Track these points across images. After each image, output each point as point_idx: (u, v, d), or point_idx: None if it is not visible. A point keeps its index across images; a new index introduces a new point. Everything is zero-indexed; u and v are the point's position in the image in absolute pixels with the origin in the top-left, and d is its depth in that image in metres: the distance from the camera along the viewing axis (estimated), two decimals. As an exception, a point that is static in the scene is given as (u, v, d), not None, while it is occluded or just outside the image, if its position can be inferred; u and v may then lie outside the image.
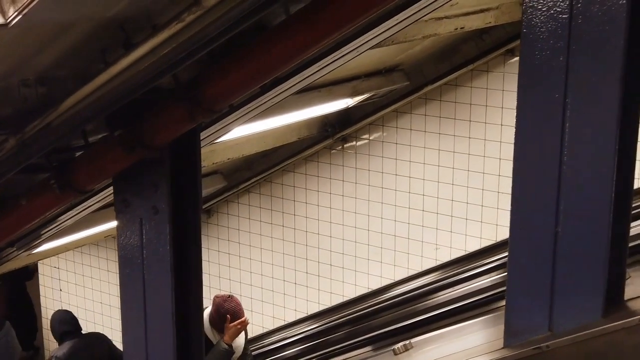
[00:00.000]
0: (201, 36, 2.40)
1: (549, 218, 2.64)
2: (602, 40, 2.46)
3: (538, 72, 2.59)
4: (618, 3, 2.41)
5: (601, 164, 2.54)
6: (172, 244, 3.50)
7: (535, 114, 2.62)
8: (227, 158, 6.26)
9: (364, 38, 4.01)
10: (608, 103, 2.49)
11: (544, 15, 2.52)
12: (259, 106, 4.30)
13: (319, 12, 2.60)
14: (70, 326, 6.31)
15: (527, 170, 2.68)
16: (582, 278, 2.64)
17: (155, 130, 3.08)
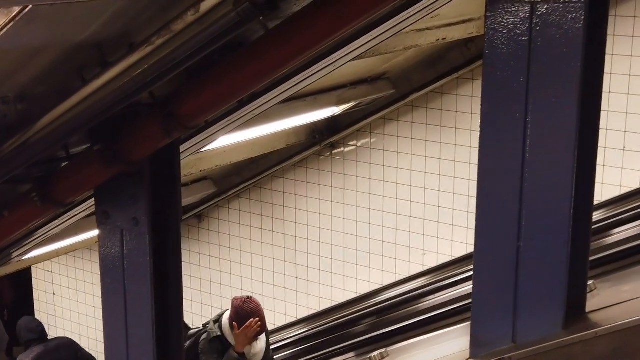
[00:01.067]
0: (170, 59, 2.48)
1: (512, 233, 2.72)
2: (560, 61, 2.53)
3: (500, 92, 2.66)
4: (575, 26, 2.48)
5: (560, 181, 2.61)
6: (152, 255, 3.57)
7: (498, 132, 2.69)
8: (215, 165, 6.34)
9: (345, 51, 4.08)
10: (567, 121, 2.57)
11: (505, 37, 2.60)
12: (244, 116, 4.38)
13: (288, 35, 2.67)
14: (35, 334, 6.39)
15: (490, 186, 2.75)
16: (544, 291, 2.72)
17: (133, 146, 3.16)
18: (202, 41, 2.44)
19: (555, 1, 2.50)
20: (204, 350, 5.21)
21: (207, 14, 2.33)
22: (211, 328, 5.23)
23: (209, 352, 5.19)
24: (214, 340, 5.14)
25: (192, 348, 5.34)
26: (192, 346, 5.36)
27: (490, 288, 2.82)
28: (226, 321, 5.18)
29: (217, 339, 5.14)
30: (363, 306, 6.81)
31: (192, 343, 5.36)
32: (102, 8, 2.32)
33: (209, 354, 5.19)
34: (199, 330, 5.45)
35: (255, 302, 5.21)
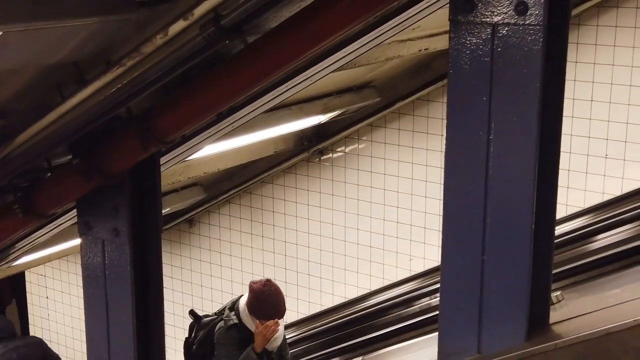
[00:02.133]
0: (140, 79, 2.56)
1: (476, 246, 2.80)
2: (520, 81, 2.61)
3: (464, 111, 2.74)
4: (534, 48, 2.56)
5: (522, 197, 2.69)
6: (133, 265, 3.65)
7: (462, 149, 2.77)
8: (203, 172, 6.42)
9: (323, 64, 4.16)
10: (528, 139, 2.65)
11: (468, 57, 2.68)
12: (226, 127, 4.46)
13: (259, 55, 2.75)
14: (4, 332, 6.46)
15: (455, 202, 2.83)
16: (507, 303, 2.80)
17: (111, 160, 3.24)
18: (171, 63, 2.52)
19: (515, 24, 2.58)
20: (220, 340, 4.98)
21: (175, 37, 2.41)
22: (227, 316, 5.03)
23: (227, 342, 4.96)
24: (231, 328, 4.94)
25: (207, 338, 5.15)
26: (206, 336, 5.17)
27: (456, 300, 2.90)
28: (244, 307, 4.97)
29: (234, 327, 4.94)
30: (350, 311, 6.89)
31: (206, 333, 5.18)
32: (73, 32, 2.39)
33: (227, 345, 4.96)
34: (212, 319, 5.25)
35: (275, 285, 5.03)
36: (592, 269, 3.79)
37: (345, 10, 2.63)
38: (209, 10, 2.33)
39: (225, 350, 4.92)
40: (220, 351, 4.95)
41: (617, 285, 3.39)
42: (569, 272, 3.77)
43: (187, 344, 5.35)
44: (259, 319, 4.86)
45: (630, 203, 5.88)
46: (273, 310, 4.90)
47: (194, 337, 5.29)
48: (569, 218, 6.25)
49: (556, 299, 3.25)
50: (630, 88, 5.85)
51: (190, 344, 5.32)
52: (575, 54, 6.01)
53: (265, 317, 4.87)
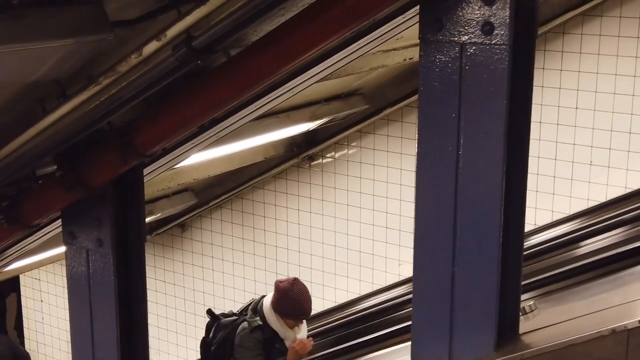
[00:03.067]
0: (116, 97, 2.63)
1: (447, 259, 2.87)
2: (487, 99, 2.68)
3: (434, 126, 2.82)
4: (500, 67, 2.63)
5: (490, 210, 2.76)
6: (116, 274, 3.72)
7: (433, 164, 2.84)
8: (192, 179, 6.49)
9: (307, 74, 4.24)
10: (495, 155, 2.72)
11: (437, 75, 2.75)
12: (213, 136, 4.53)
13: (233, 72, 2.82)
14: None
15: (426, 214, 2.90)
16: (477, 314, 2.87)
17: (93, 172, 3.31)
18: (146, 82, 2.59)
19: (481, 43, 2.65)
20: (243, 343, 4.87)
21: (149, 57, 2.48)
22: (250, 317, 4.91)
23: (250, 345, 4.85)
24: (255, 330, 4.83)
25: (228, 339, 5.02)
26: (227, 337, 5.04)
27: (428, 311, 2.97)
28: (268, 306, 4.87)
29: (259, 329, 4.85)
30: (340, 315, 6.95)
31: (226, 334, 5.05)
32: (51, 52, 2.46)
33: (250, 349, 4.84)
34: (233, 319, 5.12)
35: (302, 284, 4.97)
36: (572, 276, 3.85)
37: (319, 28, 2.70)
38: (182, 32, 2.40)
39: (249, 353, 4.84)
40: (243, 354, 4.86)
41: (592, 294, 3.46)
42: (549, 279, 3.83)
43: (205, 343, 5.25)
44: (284, 318, 4.82)
45: (614, 210, 5.95)
46: (299, 309, 4.86)
47: (212, 338, 5.19)
48: (555, 224, 6.34)
49: (529, 308, 3.32)
50: (614, 96, 5.92)
51: (208, 344, 5.21)
52: (560, 62, 6.08)
53: (290, 317, 4.84)
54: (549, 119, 6.21)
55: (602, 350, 2.58)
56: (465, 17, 2.65)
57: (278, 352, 4.91)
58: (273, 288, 4.99)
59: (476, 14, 2.63)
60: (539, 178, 6.38)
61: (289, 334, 4.92)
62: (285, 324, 4.85)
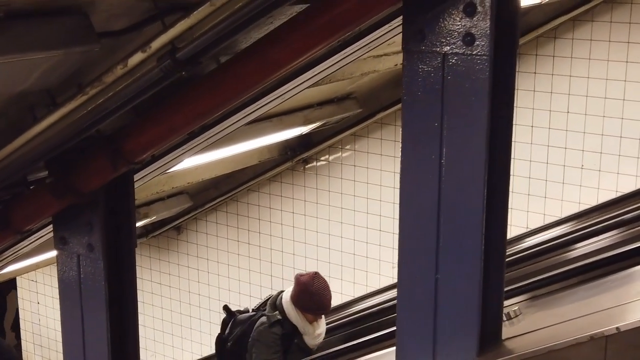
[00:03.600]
0: (102, 108, 2.67)
1: (430, 265, 2.91)
2: (469, 108, 2.72)
3: (417, 135, 2.85)
4: (481, 77, 2.67)
5: (472, 217, 2.80)
6: (107, 279, 3.76)
7: (416, 172, 2.89)
8: (187, 182, 6.53)
9: (299, 80, 4.28)
10: (476, 164, 2.76)
11: (420, 84, 2.79)
12: (204, 142, 4.57)
13: (221, 80, 2.86)
14: None
15: (410, 221, 2.95)
16: (459, 320, 2.91)
17: (83, 179, 3.35)
18: (131, 92, 2.63)
19: (463, 54, 2.68)
20: (261, 338, 4.82)
21: (135, 68, 2.52)
22: (269, 312, 4.90)
23: (269, 341, 4.80)
24: (274, 324, 4.81)
25: (245, 335, 4.97)
26: (244, 333, 5.00)
27: (412, 317, 3.01)
28: (288, 300, 4.87)
29: (278, 323, 4.83)
30: (334, 318, 6.98)
31: (243, 330, 5.02)
32: (37, 63, 2.50)
33: (269, 345, 4.79)
34: (251, 315, 5.11)
35: (323, 278, 4.95)
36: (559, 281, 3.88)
37: (303, 38, 2.74)
38: (166, 44, 2.44)
39: (266, 349, 4.79)
40: (260, 350, 4.81)
41: (578, 299, 3.49)
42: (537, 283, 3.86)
43: (220, 340, 5.23)
44: (304, 312, 4.81)
45: (606, 213, 6.01)
46: (320, 304, 4.85)
47: (229, 334, 5.17)
48: (547, 227, 6.39)
49: (514, 313, 3.36)
50: (605, 100, 5.96)
51: (224, 341, 5.19)
52: (551, 67, 6.13)
53: (310, 311, 4.83)
54: (540, 122, 6.25)
55: (581, 357, 2.62)
56: (446, 28, 2.68)
57: (297, 347, 4.90)
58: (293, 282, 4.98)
59: (457, 25, 2.67)
60: (530, 181, 6.43)
61: (308, 329, 4.90)
62: (305, 318, 4.82)
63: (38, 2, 2.37)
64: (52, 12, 2.42)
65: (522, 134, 6.33)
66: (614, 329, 2.55)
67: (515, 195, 6.40)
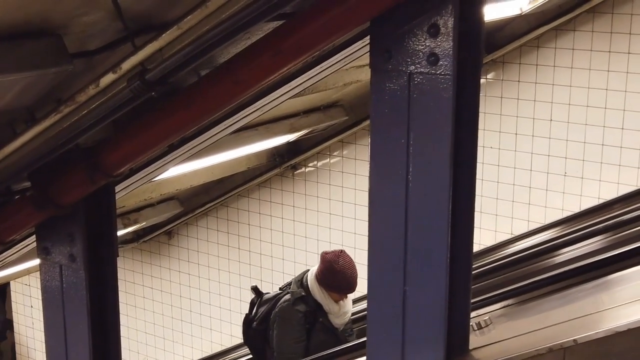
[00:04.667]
0: (75, 126, 2.75)
1: (398, 278, 2.98)
2: (434, 126, 2.80)
3: (384, 152, 2.93)
4: (445, 96, 2.75)
5: (438, 232, 2.87)
6: (89, 288, 3.83)
7: (384, 189, 2.96)
8: (175, 189, 6.60)
9: (279, 92, 4.36)
10: (441, 181, 2.83)
11: (387, 102, 2.86)
12: (188, 151, 4.65)
13: (192, 98, 2.94)
14: None
15: (379, 235, 3.02)
16: (426, 331, 2.98)
17: (63, 192, 3.42)
18: (103, 112, 2.71)
19: (427, 73, 2.76)
20: (284, 315, 4.74)
21: (106, 88, 2.60)
22: (293, 289, 4.81)
23: (290, 316, 4.72)
24: (297, 301, 4.73)
25: (269, 314, 4.92)
26: (268, 312, 4.94)
27: (382, 328, 3.09)
28: (313, 278, 4.76)
29: (301, 300, 4.75)
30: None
31: (268, 309, 4.95)
32: (11, 84, 2.58)
33: (292, 322, 4.71)
34: (276, 294, 5.05)
35: (349, 257, 4.83)
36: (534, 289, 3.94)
37: (272, 58, 2.81)
38: (136, 65, 2.52)
39: (288, 327, 4.72)
40: (282, 327, 4.75)
41: (549, 308, 3.55)
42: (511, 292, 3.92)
43: (247, 320, 5.21)
44: (328, 291, 4.72)
45: (588, 220, 6.09)
46: (345, 283, 4.75)
47: (255, 314, 5.13)
48: (531, 233, 6.47)
49: (484, 323, 3.43)
50: (587, 109, 6.04)
51: (250, 321, 5.17)
52: (534, 75, 6.20)
53: (335, 290, 4.74)
54: (524, 130, 6.34)
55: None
56: (412, 48, 2.76)
57: (321, 325, 4.81)
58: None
59: (422, 46, 2.74)
60: (515, 188, 6.51)
61: (333, 308, 4.80)
62: (330, 297, 4.73)
63: (13, 26, 2.44)
64: (27, 35, 2.50)
65: (506, 141, 6.42)
66: (571, 341, 2.62)
67: (500, 202, 6.50)
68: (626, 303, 2.98)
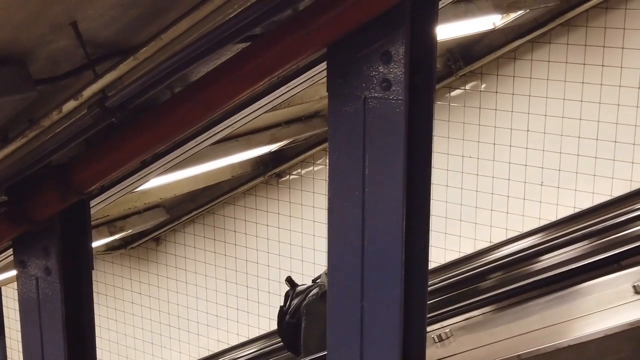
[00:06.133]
0: (42, 149, 2.86)
1: (356, 293, 3.08)
2: (387, 147, 2.90)
3: (342, 172, 3.03)
4: (397, 120, 2.85)
5: (392, 249, 2.98)
6: (64, 301, 3.93)
7: (342, 209, 3.06)
8: (159, 198, 6.70)
9: (253, 107, 4.46)
10: (395, 198, 2.93)
11: (344, 125, 2.97)
12: (170, 161, 4.75)
13: (157, 120, 3.04)
14: None
15: (337, 254, 3.12)
16: (382, 345, 3.08)
17: (36, 208, 3.52)
18: (67, 136, 2.81)
19: (381, 97, 2.86)
20: (310, 309, 4.59)
21: (69, 114, 2.70)
22: (322, 281, 4.65)
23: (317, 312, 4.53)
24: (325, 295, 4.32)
25: (299, 308, 4.81)
26: (299, 306, 4.82)
27: (341, 341, 3.19)
28: None
29: None
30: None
31: (299, 302, 4.83)
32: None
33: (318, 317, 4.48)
34: (309, 286, 4.90)
35: None
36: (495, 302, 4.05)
37: (232, 83, 2.92)
38: (96, 92, 2.62)
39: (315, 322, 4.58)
40: (311, 322, 4.62)
41: (507, 321, 3.67)
42: (473, 305, 4.04)
43: (281, 313, 5.09)
44: None
45: (564, 228, 6.19)
46: None
47: (288, 307, 5.00)
48: (509, 241, 6.57)
49: (445, 335, 3.54)
50: (563, 120, 6.15)
51: (284, 314, 5.06)
52: (512, 87, 6.31)
53: None
54: (502, 140, 6.44)
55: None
56: (366, 74, 2.86)
57: None
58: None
59: (375, 72, 2.84)
60: (493, 197, 6.62)
61: None
62: None
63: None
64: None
65: (485, 151, 6.52)
66: (515, 357, 2.73)
67: (479, 210, 6.60)
68: (576, 317, 3.09)
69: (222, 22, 2.58)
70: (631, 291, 2.98)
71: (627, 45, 5.78)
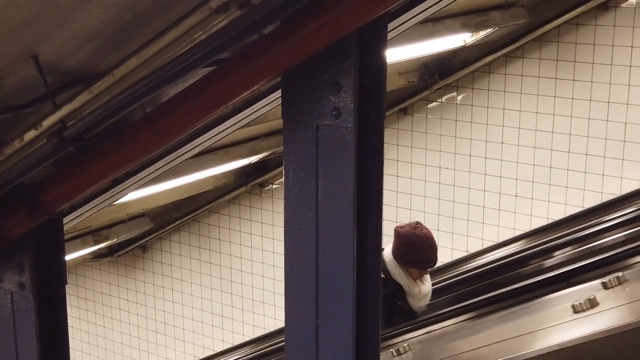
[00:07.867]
0: (5, 175, 2.99)
1: (311, 312, 3.21)
2: (338, 172, 3.03)
3: (297, 196, 3.16)
4: (347, 146, 2.98)
5: (344, 268, 3.10)
6: (38, 314, 4.06)
7: (297, 228, 3.18)
8: (142, 208, 6.82)
9: (228, 123, 4.59)
10: (346, 222, 3.06)
11: (298, 151, 3.09)
12: (149, 175, 4.87)
13: (118, 145, 3.17)
14: None
15: (294, 269, 3.25)
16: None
17: (7, 227, 3.65)
18: (29, 164, 2.94)
19: (332, 125, 2.99)
20: None
21: (30, 143, 2.83)
22: None
23: None
24: None
25: None
26: None
27: (298, 357, 3.31)
28: (389, 255, 4.48)
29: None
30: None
31: None
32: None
33: None
34: None
35: (426, 228, 4.50)
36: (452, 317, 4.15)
37: (189, 111, 3.04)
38: (55, 122, 2.74)
39: None
40: None
41: (464, 335, 3.78)
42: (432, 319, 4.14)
43: None
44: (407, 268, 4.44)
45: (539, 239, 6.31)
46: (424, 256, 4.47)
47: None
48: (485, 251, 6.69)
49: (403, 349, 3.66)
50: (536, 132, 6.27)
51: None
52: (486, 100, 6.44)
53: (414, 265, 4.46)
54: (477, 152, 6.57)
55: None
56: (318, 102, 2.99)
57: (400, 309, 4.57)
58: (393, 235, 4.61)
59: (326, 100, 2.97)
60: (469, 208, 6.74)
61: (413, 289, 4.52)
62: (409, 274, 4.45)
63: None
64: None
65: (460, 162, 6.65)
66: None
67: (456, 220, 6.73)
68: (520, 335, 3.21)
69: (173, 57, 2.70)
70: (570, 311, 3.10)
71: (597, 61, 5.90)
